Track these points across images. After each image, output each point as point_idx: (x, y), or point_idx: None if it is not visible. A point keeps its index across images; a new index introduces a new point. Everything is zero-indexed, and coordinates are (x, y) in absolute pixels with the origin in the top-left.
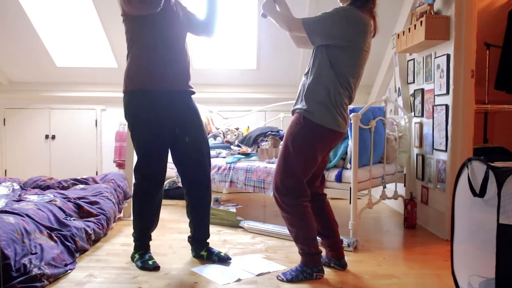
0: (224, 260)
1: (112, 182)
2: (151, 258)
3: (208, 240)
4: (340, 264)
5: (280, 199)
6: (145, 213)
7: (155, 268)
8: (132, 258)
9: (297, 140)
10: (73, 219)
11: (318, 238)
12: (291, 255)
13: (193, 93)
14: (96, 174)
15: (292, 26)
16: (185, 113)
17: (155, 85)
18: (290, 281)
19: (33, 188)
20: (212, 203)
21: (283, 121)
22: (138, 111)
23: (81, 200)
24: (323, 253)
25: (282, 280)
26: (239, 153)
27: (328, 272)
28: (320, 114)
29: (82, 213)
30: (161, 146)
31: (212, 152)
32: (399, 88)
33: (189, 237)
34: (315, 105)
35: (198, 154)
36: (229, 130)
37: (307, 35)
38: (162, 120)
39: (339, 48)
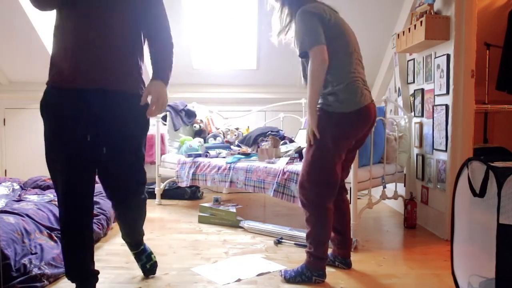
0: (147, 273)
1: None
2: None
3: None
4: (345, 263)
5: (302, 193)
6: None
7: None
8: None
9: (321, 133)
10: None
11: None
12: (291, 255)
13: (136, 96)
14: None
15: (314, 75)
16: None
17: (64, 80)
18: (288, 281)
19: (33, 188)
20: (212, 203)
21: (283, 121)
22: (47, 111)
23: None
24: (330, 252)
25: (281, 276)
26: (239, 153)
27: (328, 272)
28: (334, 103)
29: None
30: (67, 153)
31: (212, 152)
32: (399, 88)
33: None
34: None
35: (125, 169)
36: (229, 130)
37: (313, 52)
38: (70, 123)
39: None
